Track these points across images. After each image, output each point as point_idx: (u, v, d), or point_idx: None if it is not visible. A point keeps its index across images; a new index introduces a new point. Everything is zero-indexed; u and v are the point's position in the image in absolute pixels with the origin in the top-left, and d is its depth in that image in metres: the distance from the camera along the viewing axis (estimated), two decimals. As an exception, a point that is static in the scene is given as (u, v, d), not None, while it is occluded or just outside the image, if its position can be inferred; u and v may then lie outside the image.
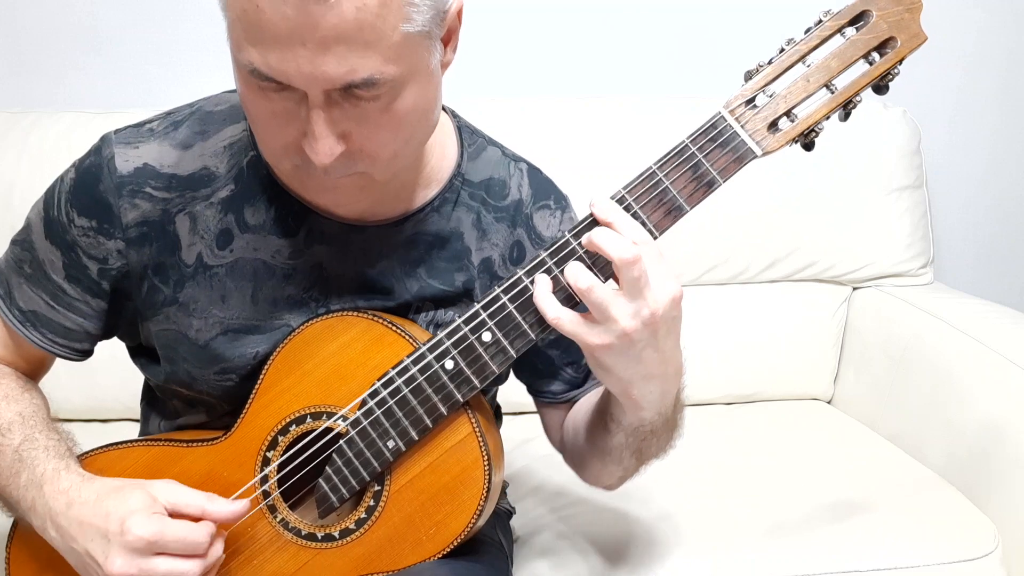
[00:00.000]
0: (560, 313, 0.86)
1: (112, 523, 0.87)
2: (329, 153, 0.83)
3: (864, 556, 1.28)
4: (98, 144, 0.99)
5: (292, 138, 0.84)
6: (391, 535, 0.95)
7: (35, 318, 1.01)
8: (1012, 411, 1.43)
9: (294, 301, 1.00)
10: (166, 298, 0.99)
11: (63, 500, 0.91)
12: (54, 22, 1.88)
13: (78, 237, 0.97)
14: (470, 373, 0.92)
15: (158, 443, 1.03)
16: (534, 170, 1.08)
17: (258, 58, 0.79)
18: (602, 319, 0.85)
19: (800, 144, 0.91)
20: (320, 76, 0.78)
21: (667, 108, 1.80)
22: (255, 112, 0.86)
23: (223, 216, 0.98)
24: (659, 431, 0.97)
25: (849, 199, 1.84)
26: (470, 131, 1.06)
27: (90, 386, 1.64)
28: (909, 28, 0.88)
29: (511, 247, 1.05)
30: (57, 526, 0.91)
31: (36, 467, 0.94)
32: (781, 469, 1.51)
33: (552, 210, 1.07)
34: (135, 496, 0.89)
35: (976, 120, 2.13)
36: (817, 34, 0.88)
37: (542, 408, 1.17)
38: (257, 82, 0.81)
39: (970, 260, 2.19)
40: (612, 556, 1.28)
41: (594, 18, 1.98)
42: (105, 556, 0.87)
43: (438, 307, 1.03)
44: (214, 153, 0.98)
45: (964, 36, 2.06)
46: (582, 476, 1.12)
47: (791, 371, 1.86)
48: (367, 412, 0.94)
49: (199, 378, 1.01)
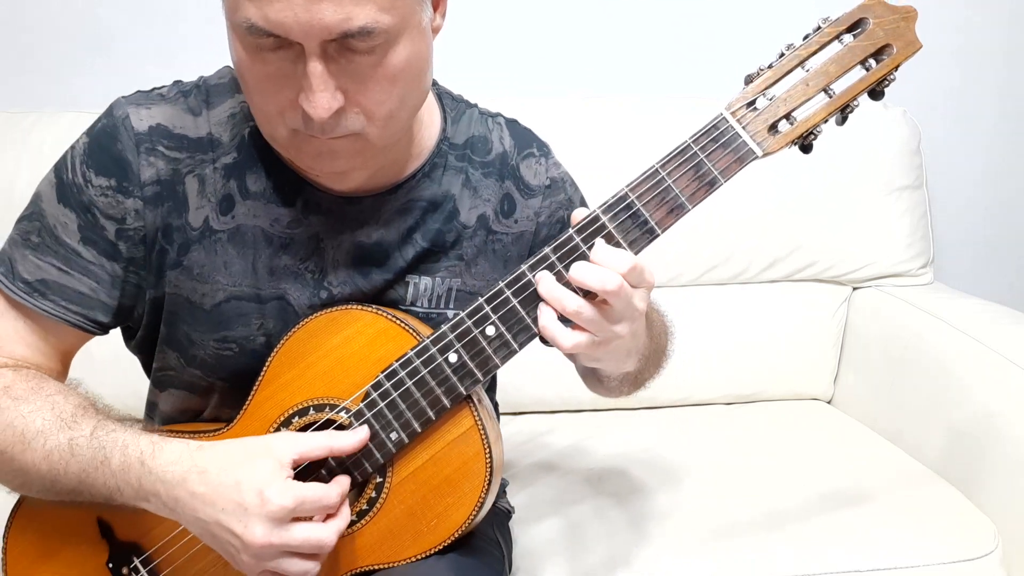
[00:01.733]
0: (580, 305, 0.88)
1: (247, 495, 0.87)
2: (327, 107, 0.84)
3: (864, 556, 1.28)
4: (108, 108, 0.99)
5: (288, 100, 0.85)
6: (392, 527, 0.96)
7: (44, 287, 0.98)
8: (1012, 411, 1.43)
9: (291, 271, 1.01)
10: (171, 260, 0.99)
11: (176, 471, 0.89)
12: (54, 22, 1.88)
13: (95, 197, 0.97)
14: (473, 366, 0.93)
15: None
16: (511, 122, 1.11)
17: (255, 12, 0.80)
18: (611, 318, 0.88)
19: (798, 146, 0.93)
20: (317, 24, 0.80)
21: (667, 108, 1.81)
22: (250, 77, 0.87)
23: (226, 182, 0.99)
24: (647, 357, 1.04)
25: (849, 199, 1.85)
26: (450, 96, 1.08)
27: (90, 386, 1.64)
28: (905, 35, 0.90)
29: (501, 200, 1.07)
30: (176, 498, 0.89)
31: (128, 448, 0.92)
32: (781, 469, 1.51)
33: (536, 157, 1.10)
34: (264, 465, 0.89)
35: (976, 120, 2.13)
36: (816, 40, 0.90)
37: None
38: (255, 40, 0.82)
39: (970, 260, 2.19)
40: (612, 556, 1.28)
41: (594, 18, 1.99)
42: (244, 526, 0.86)
43: (435, 279, 1.04)
44: (219, 122, 0.99)
45: (964, 36, 2.06)
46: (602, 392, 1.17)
47: (791, 371, 1.86)
48: (370, 404, 0.94)
49: (197, 342, 1.01)
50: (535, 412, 1.76)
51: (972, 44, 2.08)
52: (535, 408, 1.76)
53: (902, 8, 0.90)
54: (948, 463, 1.52)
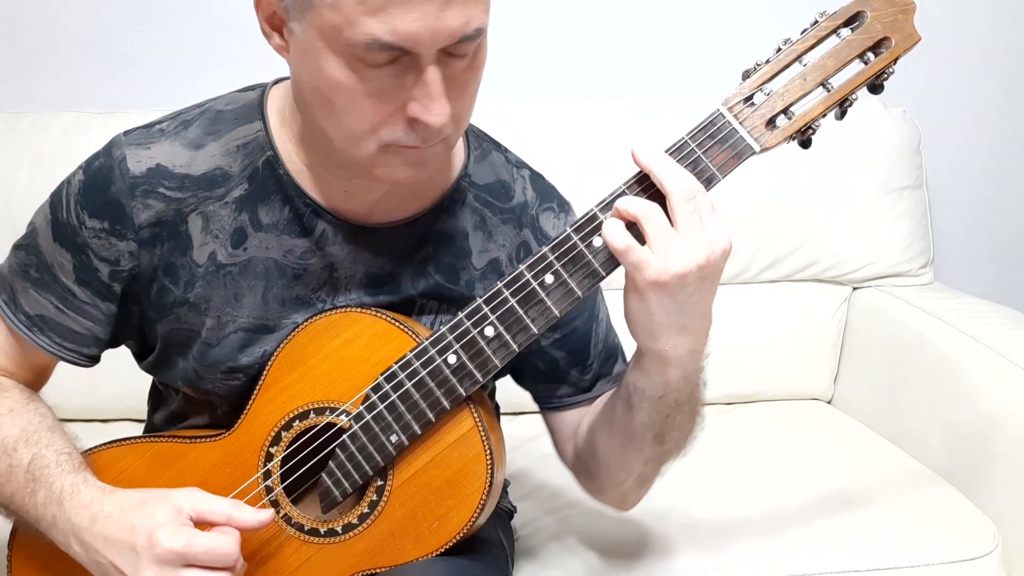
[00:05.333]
0: (630, 241, 0.85)
1: (140, 537, 0.87)
2: (447, 112, 0.83)
3: (864, 556, 1.28)
4: (108, 146, 0.98)
5: (385, 114, 0.84)
6: (394, 530, 0.95)
7: (43, 323, 1.01)
8: (1012, 411, 1.43)
9: (302, 301, 1.00)
10: (176, 299, 0.99)
11: (86, 515, 0.91)
12: (54, 22, 1.88)
13: (89, 239, 0.97)
14: (472, 367, 0.92)
15: (161, 439, 1.03)
16: (536, 175, 1.09)
17: (379, 27, 0.78)
18: (662, 254, 0.84)
19: (797, 141, 0.92)
20: (444, 30, 0.79)
21: (663, 109, 1.81)
22: (347, 97, 0.84)
23: (237, 215, 0.98)
24: (683, 404, 0.97)
25: (849, 199, 1.85)
26: (475, 134, 1.07)
27: (90, 386, 1.63)
28: (903, 28, 0.89)
29: (518, 247, 1.05)
30: (81, 541, 0.90)
31: (52, 484, 0.93)
32: (781, 469, 1.51)
33: (556, 213, 1.08)
34: (161, 508, 0.89)
35: (976, 120, 2.13)
36: (813, 34, 0.90)
37: (549, 416, 1.14)
38: (370, 57, 0.81)
39: (970, 260, 2.19)
40: (612, 556, 1.28)
41: (589, 19, 1.98)
42: (134, 569, 0.87)
43: (441, 304, 1.03)
44: (226, 152, 0.98)
45: (964, 36, 2.06)
46: (595, 487, 1.11)
47: (791, 371, 1.86)
48: (370, 406, 0.94)
49: (206, 377, 1.01)
50: (535, 412, 1.75)
51: (972, 44, 2.08)
52: (535, 408, 1.75)
53: (900, 1, 0.89)
54: (948, 463, 1.52)
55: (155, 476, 1.00)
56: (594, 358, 1.09)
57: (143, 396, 1.19)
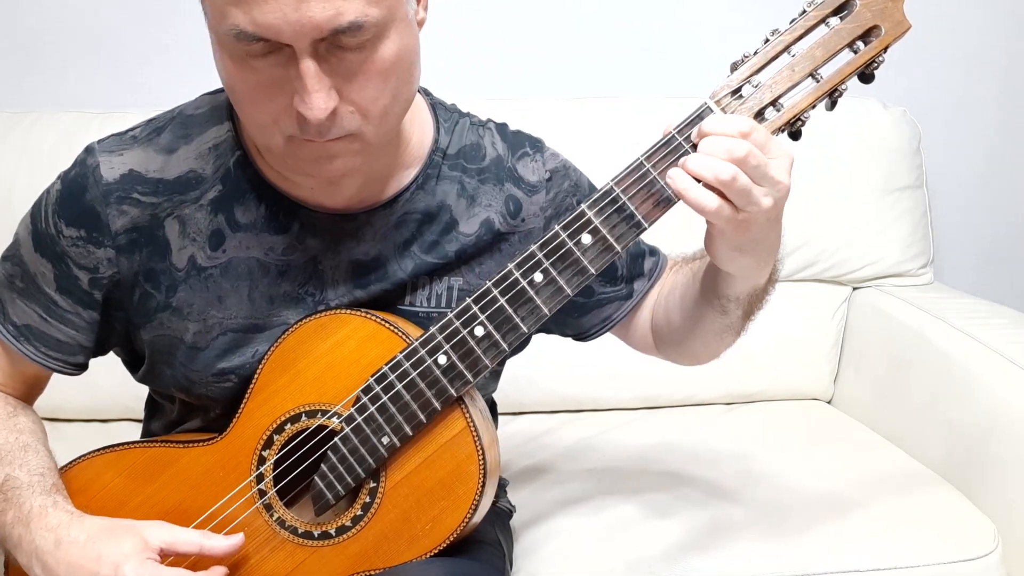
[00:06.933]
0: (712, 198, 0.85)
1: (104, 567, 0.88)
2: (323, 106, 0.83)
3: (864, 556, 1.28)
4: (82, 155, 0.99)
5: (282, 106, 0.85)
6: (387, 532, 0.95)
7: (29, 332, 1.02)
8: (1012, 411, 1.43)
9: (290, 297, 1.00)
10: (159, 304, 0.99)
11: (51, 538, 0.91)
12: (54, 22, 1.88)
13: (67, 248, 0.97)
14: (463, 367, 0.92)
15: (154, 444, 1.03)
16: (501, 126, 1.10)
17: (242, 18, 0.79)
18: (744, 203, 0.85)
19: (787, 133, 0.91)
20: (307, 22, 0.79)
21: (660, 109, 1.79)
22: (241, 88, 0.86)
23: (213, 217, 0.98)
24: (769, 284, 1.04)
25: (849, 199, 1.84)
26: (443, 107, 1.07)
27: (90, 386, 1.63)
28: (893, 16, 0.88)
29: (505, 202, 1.06)
30: (43, 564, 0.91)
31: (22, 505, 0.94)
32: (781, 469, 1.50)
33: (531, 155, 1.09)
34: (128, 540, 0.90)
35: (976, 120, 2.12)
36: (801, 24, 0.88)
37: (617, 331, 1.18)
38: (243, 48, 0.81)
39: (970, 260, 2.18)
40: (612, 556, 1.27)
41: (589, 19, 1.98)
42: None
43: (434, 279, 1.03)
44: (199, 155, 0.98)
45: (964, 36, 2.05)
46: (686, 361, 1.17)
47: (791, 371, 1.85)
48: (361, 408, 0.94)
49: (197, 381, 1.01)
50: (535, 412, 1.76)
51: (972, 44, 2.07)
52: (535, 408, 1.76)
53: None
54: (948, 463, 1.51)
55: (148, 482, 1.01)
56: (621, 267, 1.13)
57: (143, 396, 1.19)
